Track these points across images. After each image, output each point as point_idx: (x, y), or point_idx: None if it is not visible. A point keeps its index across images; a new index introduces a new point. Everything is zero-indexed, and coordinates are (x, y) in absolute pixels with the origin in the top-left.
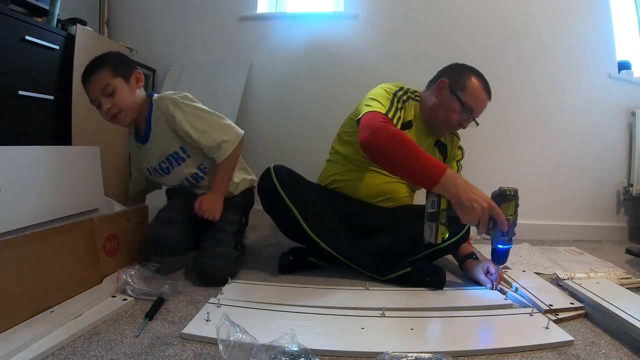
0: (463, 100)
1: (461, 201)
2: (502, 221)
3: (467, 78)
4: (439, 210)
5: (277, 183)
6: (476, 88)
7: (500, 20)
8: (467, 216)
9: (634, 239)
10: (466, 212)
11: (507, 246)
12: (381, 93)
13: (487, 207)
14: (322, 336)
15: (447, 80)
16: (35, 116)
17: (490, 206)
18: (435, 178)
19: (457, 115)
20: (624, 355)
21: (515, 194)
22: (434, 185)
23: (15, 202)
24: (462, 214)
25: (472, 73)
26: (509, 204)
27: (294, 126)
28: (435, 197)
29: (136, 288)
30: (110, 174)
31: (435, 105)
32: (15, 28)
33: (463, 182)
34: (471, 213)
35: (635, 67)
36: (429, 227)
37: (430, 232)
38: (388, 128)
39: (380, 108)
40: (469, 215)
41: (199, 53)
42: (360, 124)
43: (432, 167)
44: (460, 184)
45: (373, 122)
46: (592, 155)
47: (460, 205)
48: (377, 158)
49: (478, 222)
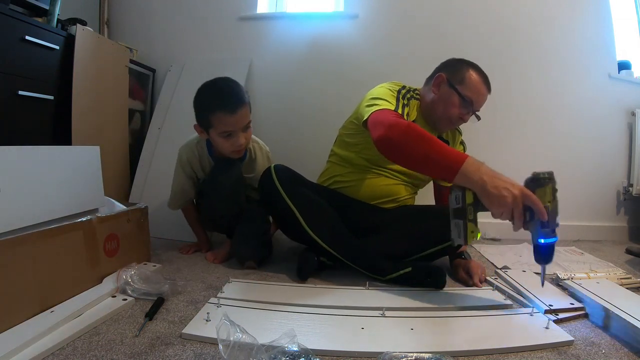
0: (462, 94)
1: (487, 190)
2: (539, 209)
3: (465, 71)
4: (465, 205)
5: (278, 182)
6: (475, 80)
7: (500, 20)
8: (497, 207)
9: (634, 239)
10: (495, 202)
11: (551, 239)
12: (385, 92)
13: (519, 194)
14: (322, 336)
15: (445, 74)
16: (35, 116)
17: (523, 193)
18: (455, 166)
19: (457, 110)
20: (624, 355)
21: (550, 177)
22: (454, 174)
23: (15, 202)
24: (490, 205)
25: (470, 66)
26: (545, 188)
27: (293, 126)
28: (459, 191)
29: (136, 288)
30: (110, 174)
31: (433, 100)
32: (15, 28)
33: (488, 169)
34: (501, 203)
35: (635, 67)
36: (456, 226)
37: (458, 231)
38: (401, 122)
39: (389, 105)
40: (499, 205)
41: (199, 53)
42: (369, 123)
43: (451, 156)
44: (484, 171)
45: (385, 118)
46: (592, 155)
47: (488, 195)
48: (393, 153)
49: (512, 215)
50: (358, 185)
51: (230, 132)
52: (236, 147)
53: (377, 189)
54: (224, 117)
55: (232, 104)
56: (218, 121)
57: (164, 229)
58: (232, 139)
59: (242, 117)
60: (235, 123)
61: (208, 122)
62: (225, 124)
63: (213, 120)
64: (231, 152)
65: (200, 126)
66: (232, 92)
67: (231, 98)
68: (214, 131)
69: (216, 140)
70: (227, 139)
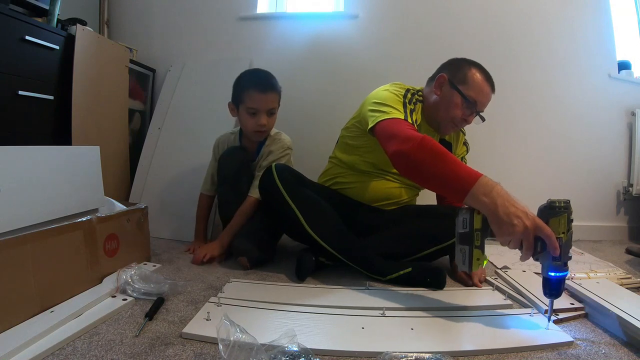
0: (465, 94)
1: (498, 214)
2: (551, 243)
3: (467, 70)
4: (472, 231)
5: (279, 182)
6: (478, 80)
7: (500, 21)
8: (505, 235)
9: (634, 239)
10: (503, 230)
11: (561, 274)
12: (390, 97)
13: (532, 225)
14: (322, 336)
15: (447, 75)
16: (35, 116)
17: (536, 224)
18: (467, 187)
19: (460, 111)
20: (624, 355)
21: (567, 206)
22: (464, 195)
23: (15, 202)
24: (498, 231)
25: (473, 65)
26: (560, 217)
27: (293, 126)
28: (467, 214)
29: (136, 288)
30: (110, 174)
31: (436, 102)
32: (15, 28)
33: (502, 192)
34: (510, 231)
35: (635, 67)
36: (461, 252)
37: (463, 257)
38: (415, 136)
39: (398, 114)
40: (508, 233)
41: (199, 53)
42: (379, 132)
43: (464, 175)
44: (498, 194)
45: (399, 130)
46: (592, 155)
47: (497, 221)
48: (409, 170)
49: (520, 245)
50: (359, 188)
51: (255, 110)
52: (258, 126)
53: (380, 192)
54: (254, 94)
55: (264, 85)
56: (248, 97)
57: (164, 229)
58: (256, 118)
59: (269, 99)
60: (263, 102)
61: (240, 98)
62: (253, 101)
63: (244, 96)
64: (254, 131)
65: (233, 103)
66: (267, 77)
67: (265, 80)
68: (243, 107)
69: (243, 117)
70: (252, 117)
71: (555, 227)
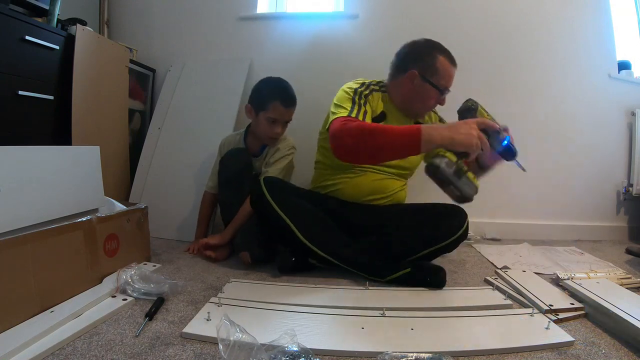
0: (437, 85)
1: (456, 139)
2: (491, 124)
3: (434, 60)
4: (458, 163)
5: (268, 195)
6: (446, 66)
7: (499, 21)
8: (471, 146)
9: (634, 239)
10: (467, 143)
11: (507, 137)
12: (342, 96)
13: (475, 124)
14: (322, 336)
15: (417, 70)
16: (35, 116)
17: (477, 123)
18: (415, 138)
19: (435, 100)
20: (624, 355)
21: (474, 101)
22: (418, 145)
23: (15, 202)
24: (467, 147)
25: (437, 51)
26: (479, 110)
27: (293, 126)
28: (442, 158)
29: (136, 288)
30: (110, 174)
31: (409, 95)
32: (15, 28)
33: (441, 126)
34: (470, 140)
35: (635, 67)
36: (465, 183)
37: (469, 185)
38: (349, 126)
39: (343, 112)
40: (471, 143)
41: (199, 53)
42: (329, 135)
43: (407, 132)
44: (442, 127)
45: (334, 127)
46: (592, 155)
47: (460, 142)
48: (352, 155)
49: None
50: (346, 186)
51: (276, 120)
52: (274, 134)
53: (366, 187)
54: (279, 107)
55: (290, 100)
56: (273, 108)
57: (164, 229)
58: (274, 126)
59: (290, 113)
60: (284, 115)
61: (264, 106)
62: (277, 113)
63: (269, 105)
64: (268, 137)
65: (253, 107)
66: (292, 93)
67: (291, 96)
68: (264, 114)
69: (261, 122)
70: (271, 125)
71: (484, 116)
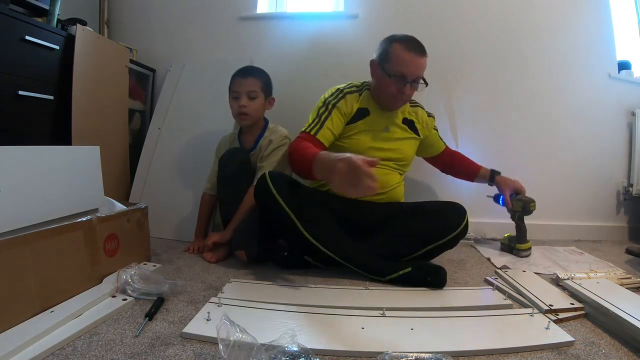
0: (390, 72)
1: (323, 170)
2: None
3: (388, 47)
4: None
5: (274, 189)
6: (398, 53)
7: (500, 20)
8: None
9: (634, 239)
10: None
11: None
12: (316, 106)
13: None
14: (322, 336)
15: (376, 59)
16: (35, 116)
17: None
18: (310, 165)
19: (394, 87)
20: (624, 355)
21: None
22: (312, 172)
23: (15, 202)
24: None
25: (394, 40)
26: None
27: (293, 126)
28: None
29: (136, 288)
30: (110, 174)
31: (375, 86)
32: (15, 28)
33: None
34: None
35: (635, 67)
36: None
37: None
38: (292, 146)
39: (305, 126)
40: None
41: (199, 53)
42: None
43: (309, 157)
44: (329, 158)
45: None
46: (592, 155)
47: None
48: (297, 172)
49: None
50: None
51: (237, 93)
52: (239, 107)
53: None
54: (236, 79)
55: (244, 71)
56: (232, 82)
57: (164, 229)
58: (238, 101)
59: (248, 83)
60: (243, 86)
61: (229, 88)
62: (235, 84)
63: (231, 84)
64: (237, 114)
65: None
66: (251, 66)
67: (246, 67)
68: (230, 95)
69: (230, 104)
70: (234, 100)
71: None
